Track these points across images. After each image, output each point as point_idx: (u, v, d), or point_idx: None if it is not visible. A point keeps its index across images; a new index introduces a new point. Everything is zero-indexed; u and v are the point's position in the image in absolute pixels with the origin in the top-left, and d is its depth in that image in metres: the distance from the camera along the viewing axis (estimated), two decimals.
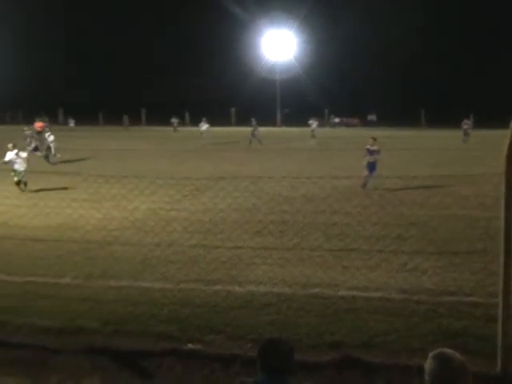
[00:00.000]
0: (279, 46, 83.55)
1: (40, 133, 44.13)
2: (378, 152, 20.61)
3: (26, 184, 20.57)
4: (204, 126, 48.64)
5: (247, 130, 46.75)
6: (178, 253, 11.80)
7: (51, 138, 32.29)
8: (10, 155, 20.80)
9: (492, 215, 12.20)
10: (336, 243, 12.42)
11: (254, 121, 46.87)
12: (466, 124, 46.44)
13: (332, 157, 33.07)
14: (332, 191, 19.43)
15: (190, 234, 13.46)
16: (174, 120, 65.38)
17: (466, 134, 45.15)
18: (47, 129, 34.47)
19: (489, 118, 51.77)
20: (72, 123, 72.47)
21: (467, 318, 8.04)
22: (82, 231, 13.51)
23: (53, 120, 70.04)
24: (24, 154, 21.16)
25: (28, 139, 34.00)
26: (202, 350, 7.18)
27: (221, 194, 14.96)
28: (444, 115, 60.98)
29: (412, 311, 8.40)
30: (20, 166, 20.55)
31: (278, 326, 7.81)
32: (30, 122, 47.33)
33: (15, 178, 20.39)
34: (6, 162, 20.65)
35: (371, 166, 20.38)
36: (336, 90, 78.73)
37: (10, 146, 20.99)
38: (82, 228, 13.96)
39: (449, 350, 3.41)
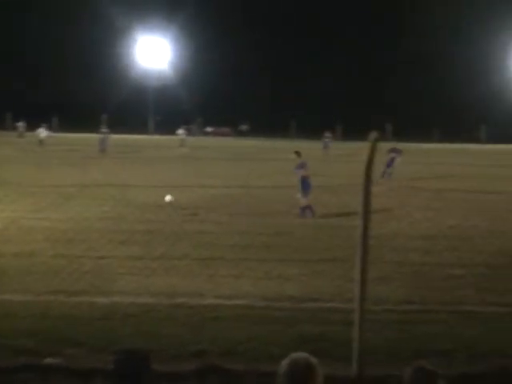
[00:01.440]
0: (153, 52, 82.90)
1: None
2: (305, 166, 17.70)
3: None
4: (43, 133, 46.15)
5: (115, 137, 45.82)
6: (39, 263, 11.31)
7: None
8: None
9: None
10: (202, 252, 12.45)
11: (104, 128, 44.96)
12: (327, 137, 49.82)
13: (201, 166, 33.10)
14: (199, 200, 19.50)
15: (51, 243, 12.99)
16: (21, 124, 59.31)
17: (325, 146, 48.16)
18: None
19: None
20: None
21: (326, 323, 8.34)
22: None
23: None
24: None
25: None
26: (61, 364, 6.94)
27: (85, 203, 14.59)
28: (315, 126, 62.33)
29: (274, 318, 8.61)
30: None
31: (142, 337, 7.70)
32: None
33: None
34: None
35: (305, 184, 17.34)
36: (209, 100, 79.26)
37: None
38: None
39: (301, 353, 3.54)
